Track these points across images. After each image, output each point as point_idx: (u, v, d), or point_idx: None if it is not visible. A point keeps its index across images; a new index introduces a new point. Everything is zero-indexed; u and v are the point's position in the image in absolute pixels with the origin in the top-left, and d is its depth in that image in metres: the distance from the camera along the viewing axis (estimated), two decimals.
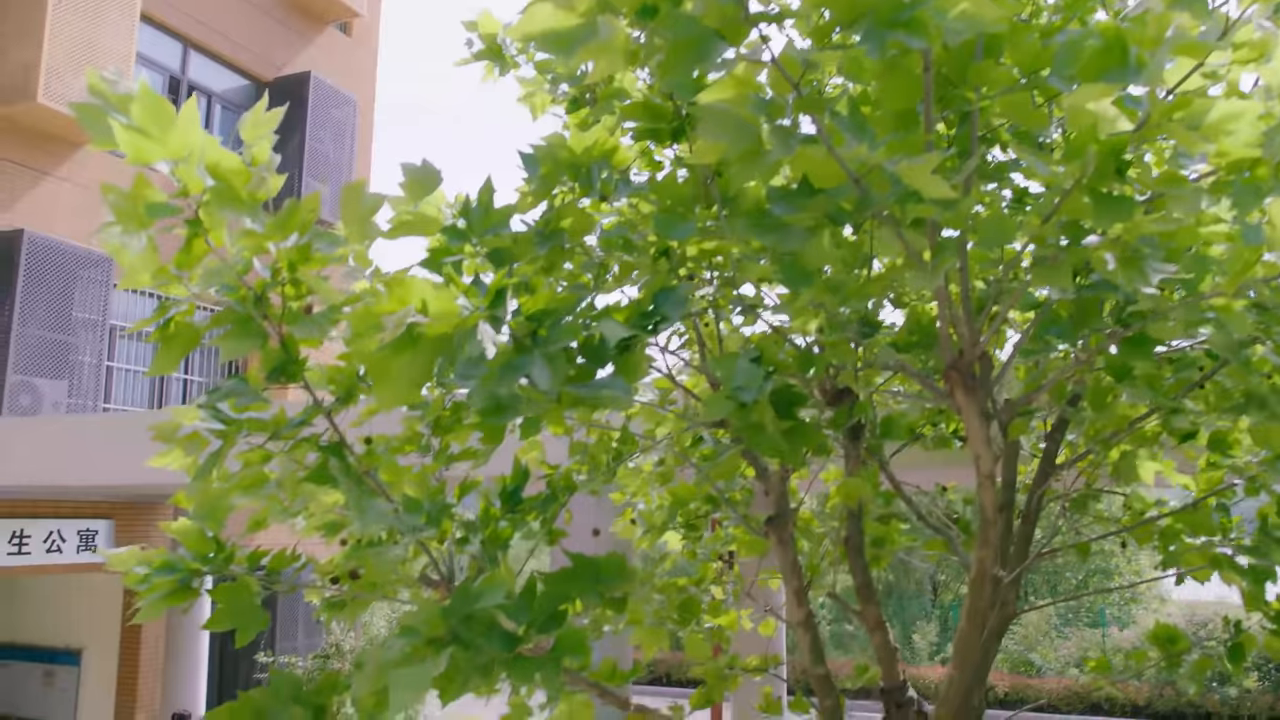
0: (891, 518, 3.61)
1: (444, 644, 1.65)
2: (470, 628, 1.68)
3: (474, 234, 1.93)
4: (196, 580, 2.38)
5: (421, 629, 1.69)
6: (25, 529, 11.39)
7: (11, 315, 10.92)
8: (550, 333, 1.70)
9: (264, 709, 1.94)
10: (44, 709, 13.62)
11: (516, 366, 1.64)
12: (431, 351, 1.60)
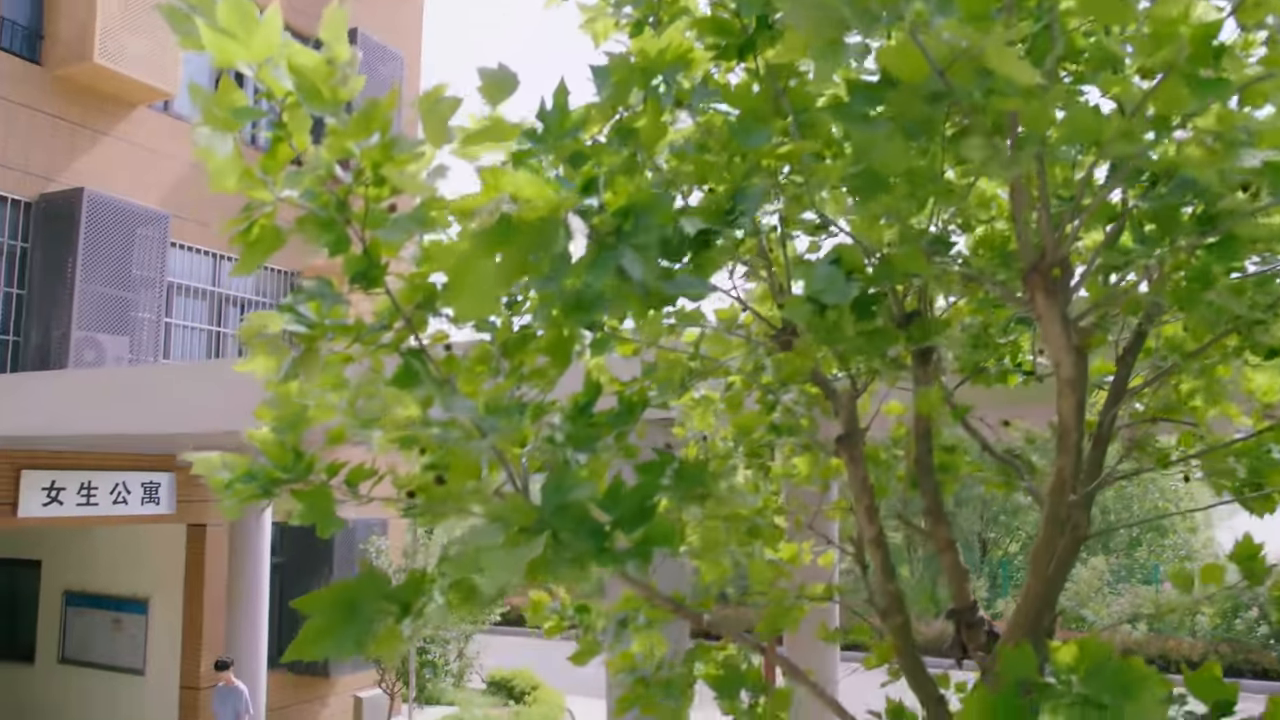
0: (955, 449, 3.59)
1: (536, 533, 1.68)
2: (561, 518, 1.70)
3: (551, 138, 1.94)
4: (276, 487, 2.43)
5: (511, 519, 1.71)
6: (93, 481, 11.71)
7: (74, 272, 11.15)
8: (636, 226, 1.70)
9: (354, 599, 1.98)
10: (114, 655, 14.07)
11: (606, 259, 1.65)
12: (522, 244, 1.60)
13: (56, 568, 15.10)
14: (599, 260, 1.63)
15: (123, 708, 13.92)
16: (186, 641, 13.34)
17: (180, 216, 13.00)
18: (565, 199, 1.56)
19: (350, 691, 14.99)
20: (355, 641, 1.97)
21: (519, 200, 1.63)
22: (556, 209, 1.57)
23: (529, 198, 1.56)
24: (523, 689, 16.48)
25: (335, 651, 1.97)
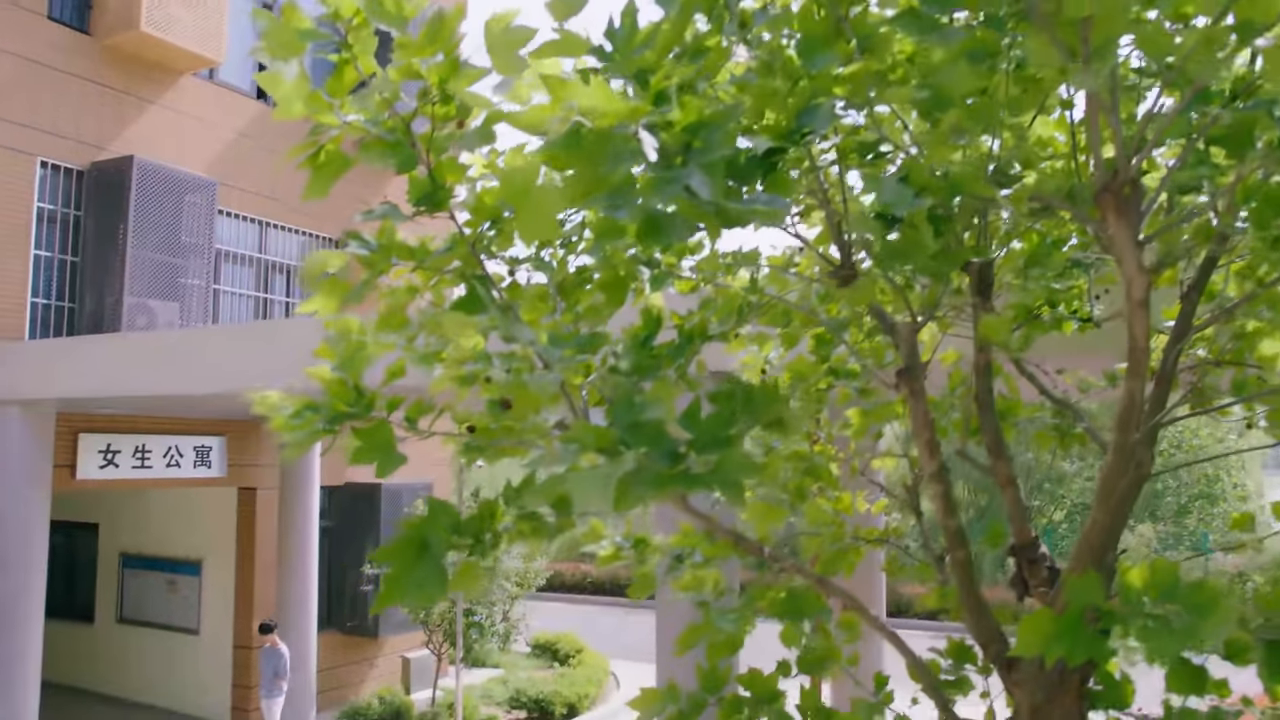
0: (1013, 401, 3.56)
1: (613, 454, 1.68)
2: (636, 437, 1.70)
3: (620, 55, 1.92)
4: (338, 423, 2.45)
5: (586, 441, 1.72)
6: (146, 444, 11.95)
7: (126, 239, 11.31)
8: (705, 143, 1.69)
9: (425, 537, 2.00)
10: (169, 615, 14.41)
11: (674, 178, 1.63)
12: (591, 156, 1.59)
13: (113, 531, 15.45)
14: (666, 178, 1.61)
15: (178, 666, 14.26)
16: (239, 602, 13.62)
17: (227, 184, 13.13)
18: (636, 109, 1.55)
19: (398, 652, 15.24)
20: (434, 583, 1.99)
21: (588, 112, 1.62)
22: (627, 119, 1.56)
23: (599, 108, 1.55)
24: (567, 652, 16.67)
25: (417, 598, 1.98)
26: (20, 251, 10.92)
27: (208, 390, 8.47)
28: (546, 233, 2.14)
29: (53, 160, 11.33)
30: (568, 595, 25.92)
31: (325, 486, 14.16)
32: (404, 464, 2.31)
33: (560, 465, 1.73)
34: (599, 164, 1.62)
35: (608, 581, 26.30)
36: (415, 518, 2.05)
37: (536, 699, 13.51)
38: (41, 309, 11.22)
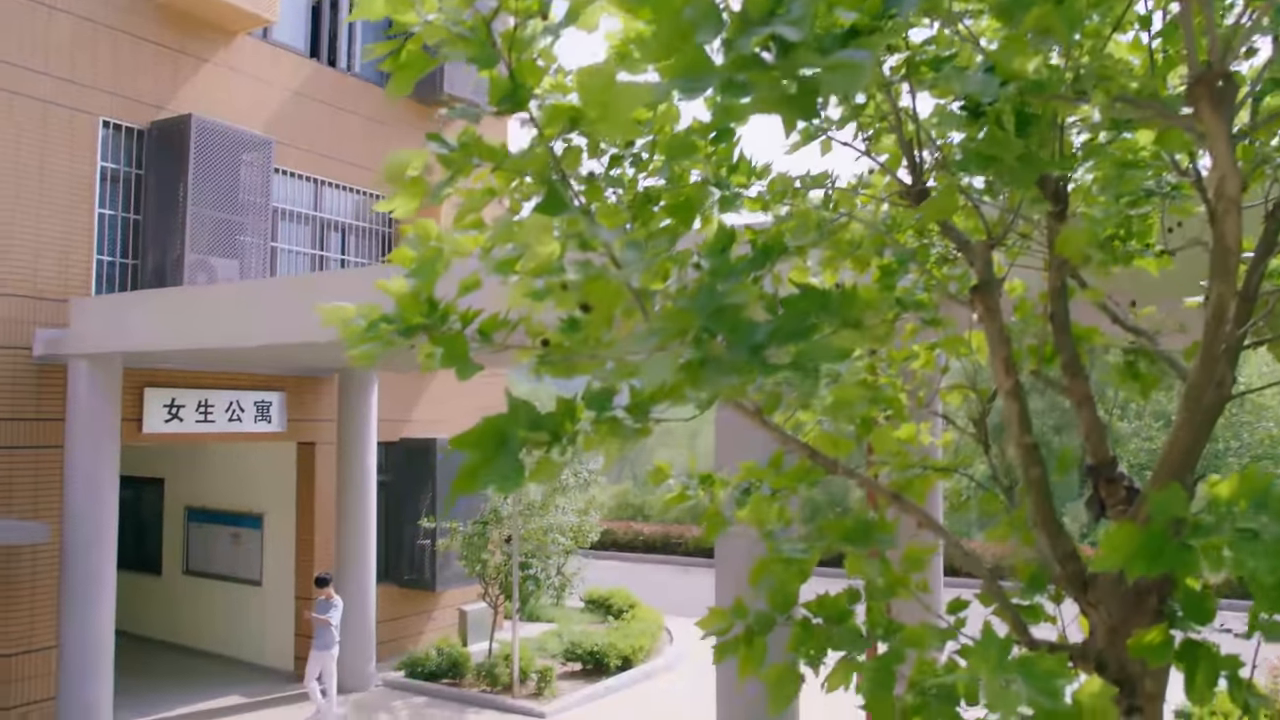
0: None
1: (695, 341, 1.68)
2: (718, 321, 1.70)
3: None
4: (412, 335, 2.46)
5: (668, 324, 1.72)
6: (209, 399, 12.19)
7: (186, 197, 11.48)
8: (789, 8, 1.66)
9: (503, 430, 2.02)
10: (233, 567, 14.77)
11: (761, 24, 1.60)
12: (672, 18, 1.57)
13: (178, 485, 15.83)
14: (750, 31, 1.59)
15: (242, 616, 14.63)
16: (299, 554, 13.91)
17: (282, 143, 13.26)
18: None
19: (455, 605, 15.50)
20: (511, 474, 2.01)
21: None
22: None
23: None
24: (620, 607, 16.82)
25: (493, 482, 2.00)
26: (85, 210, 11.13)
27: (268, 341, 8.61)
28: (626, 131, 2.13)
29: (114, 120, 11.51)
30: (620, 554, 26.13)
31: (382, 442, 14.37)
32: (480, 371, 2.33)
33: (643, 343, 1.73)
34: (679, 21, 1.59)
35: (659, 540, 26.46)
36: (494, 415, 2.07)
37: (591, 651, 13.67)
38: (106, 266, 11.45)
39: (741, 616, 2.75)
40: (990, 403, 3.72)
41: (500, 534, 13.67)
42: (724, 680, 6.50)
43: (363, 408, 13.43)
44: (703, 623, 2.79)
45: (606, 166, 2.76)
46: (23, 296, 10.54)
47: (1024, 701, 2.00)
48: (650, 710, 12.32)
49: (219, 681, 13.50)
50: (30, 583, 10.49)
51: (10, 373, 10.41)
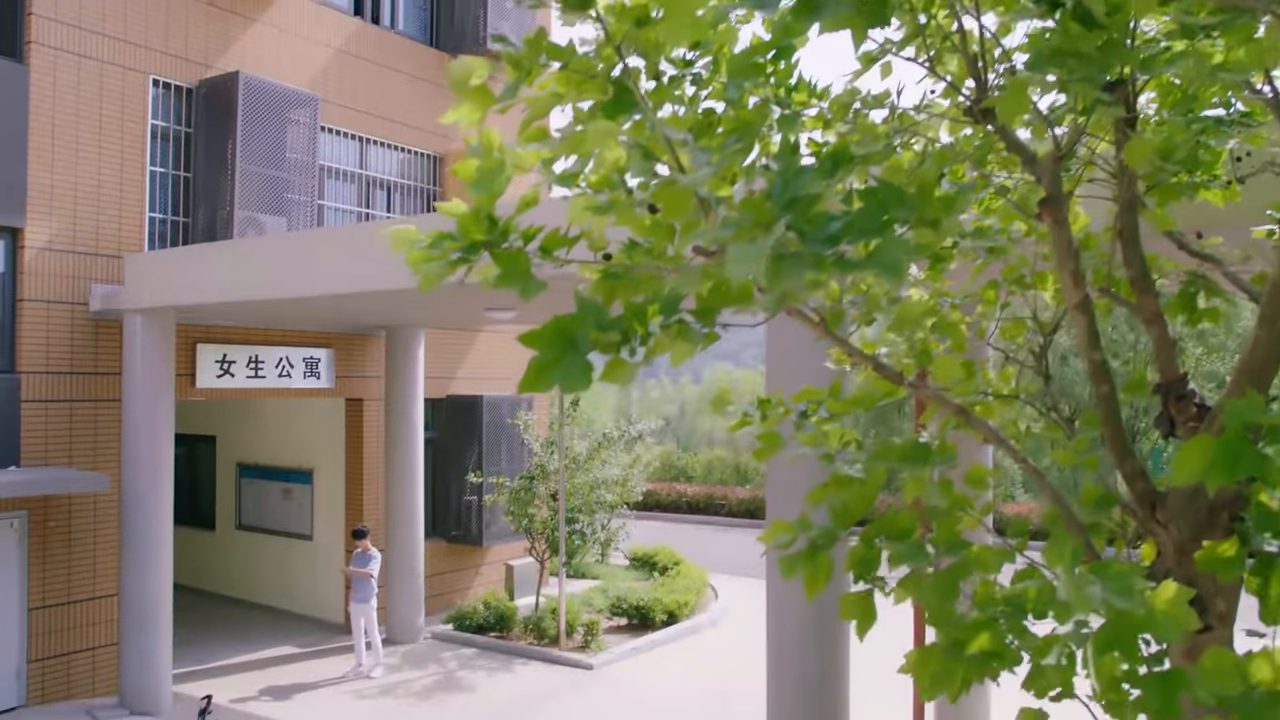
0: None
1: (773, 226, 1.66)
2: (797, 211, 1.68)
3: None
4: (475, 252, 2.46)
5: (746, 214, 1.70)
6: (259, 355, 12.36)
7: (235, 154, 11.58)
8: None
9: (572, 330, 2.02)
10: (284, 521, 15.03)
11: None
12: None
13: (230, 442, 16.12)
14: None
15: (293, 569, 14.91)
16: (349, 509, 14.12)
17: (328, 101, 13.32)
18: None
19: (502, 560, 15.68)
20: (579, 374, 2.01)
21: None
22: None
23: None
24: (665, 564, 16.90)
25: (561, 382, 2.00)
26: (138, 167, 11.27)
27: (318, 291, 8.69)
28: (692, 31, 2.11)
29: (164, 78, 11.61)
30: (663, 514, 26.25)
31: (429, 399, 14.51)
32: (544, 289, 2.32)
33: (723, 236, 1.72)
34: None
35: (703, 500, 26.54)
36: (563, 315, 2.07)
37: (637, 605, 13.78)
38: (158, 223, 11.60)
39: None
40: (1051, 335, 3.67)
41: (547, 489, 13.78)
42: (774, 633, 6.51)
43: (410, 364, 13.55)
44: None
45: (667, 85, 2.73)
46: (80, 253, 10.72)
47: (1100, 604, 1.98)
48: (696, 663, 12.41)
49: (272, 632, 13.80)
50: (92, 532, 10.76)
51: (69, 328, 10.62)
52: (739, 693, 11.04)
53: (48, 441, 10.40)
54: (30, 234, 10.35)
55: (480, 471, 14.47)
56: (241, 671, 11.95)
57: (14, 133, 10.19)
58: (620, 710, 10.62)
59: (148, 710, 10.35)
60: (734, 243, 1.67)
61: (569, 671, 12.01)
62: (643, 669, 12.19)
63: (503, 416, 15.03)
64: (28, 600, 10.32)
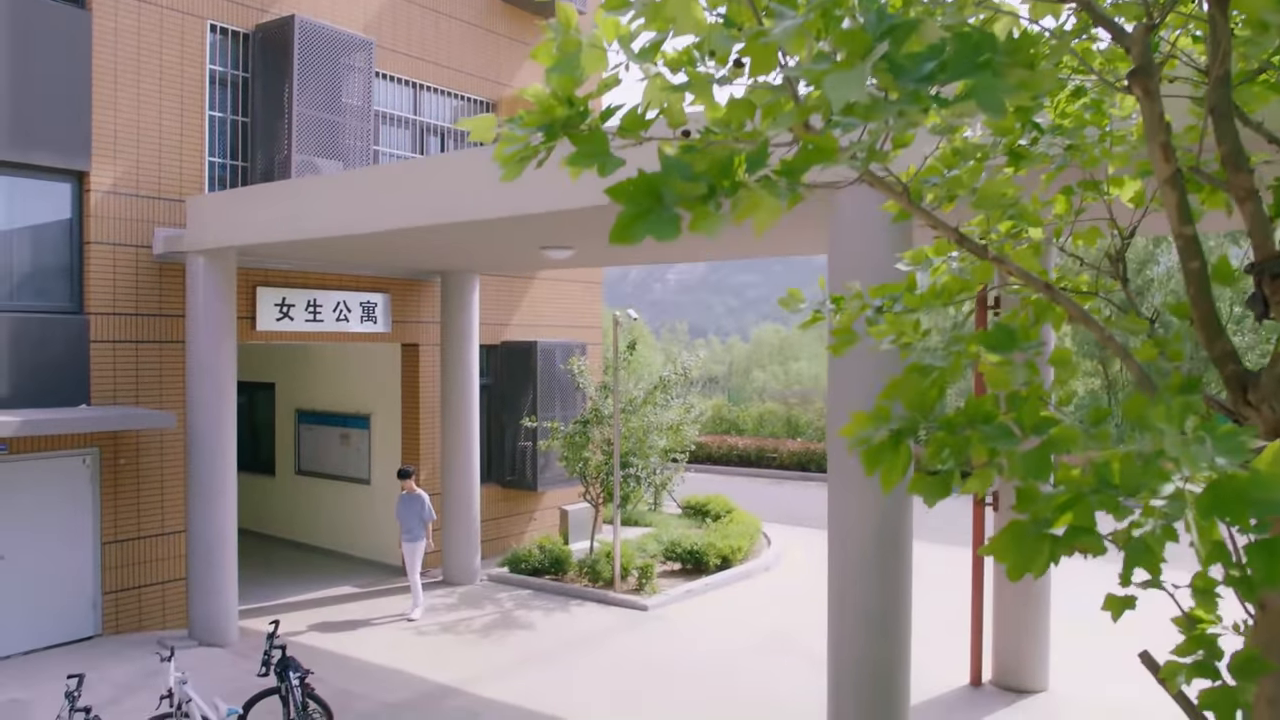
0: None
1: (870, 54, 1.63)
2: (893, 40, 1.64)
3: None
4: (554, 134, 2.45)
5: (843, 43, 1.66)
6: (318, 299, 12.51)
7: (291, 98, 11.65)
8: None
9: (658, 184, 2.01)
10: (342, 466, 15.29)
11: None
12: None
13: (288, 389, 16.38)
14: None
15: (351, 513, 15.18)
16: (405, 453, 14.31)
17: (382, 47, 13.34)
18: None
19: (556, 505, 15.83)
20: (667, 226, 2.00)
21: None
22: None
23: None
24: (718, 512, 16.95)
25: (650, 232, 2.00)
26: (197, 112, 11.39)
27: (375, 228, 8.74)
28: None
29: (221, 23, 11.69)
30: (714, 467, 26.30)
31: (484, 345, 14.61)
32: (621, 165, 2.30)
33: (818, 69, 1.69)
34: None
35: (753, 453, 26.53)
36: (648, 173, 2.06)
37: (691, 550, 13.84)
38: (217, 167, 11.74)
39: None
40: (1129, 239, 3.58)
41: (601, 433, 13.85)
42: (836, 574, 6.49)
43: (465, 310, 13.64)
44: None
45: None
46: (143, 196, 10.89)
47: (1208, 462, 1.93)
48: (751, 606, 12.47)
49: (331, 574, 14.10)
50: (159, 470, 11.02)
51: (133, 270, 10.82)
52: (796, 633, 11.09)
53: (116, 381, 10.64)
54: (95, 177, 10.53)
55: (534, 416, 14.58)
56: (303, 609, 12.23)
57: (78, 77, 10.34)
58: (676, 648, 10.71)
59: (215, 642, 10.64)
60: (832, 73, 1.63)
61: (624, 612, 12.13)
62: (697, 610, 12.27)
63: (556, 362, 15.11)
64: (101, 534, 10.62)
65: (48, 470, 10.34)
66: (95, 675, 9.08)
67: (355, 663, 10.22)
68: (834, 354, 3.34)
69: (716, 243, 10.52)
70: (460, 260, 12.56)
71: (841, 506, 6.39)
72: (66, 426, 9.59)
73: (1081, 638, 10.53)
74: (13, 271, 10.16)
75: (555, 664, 10.26)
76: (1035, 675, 9.31)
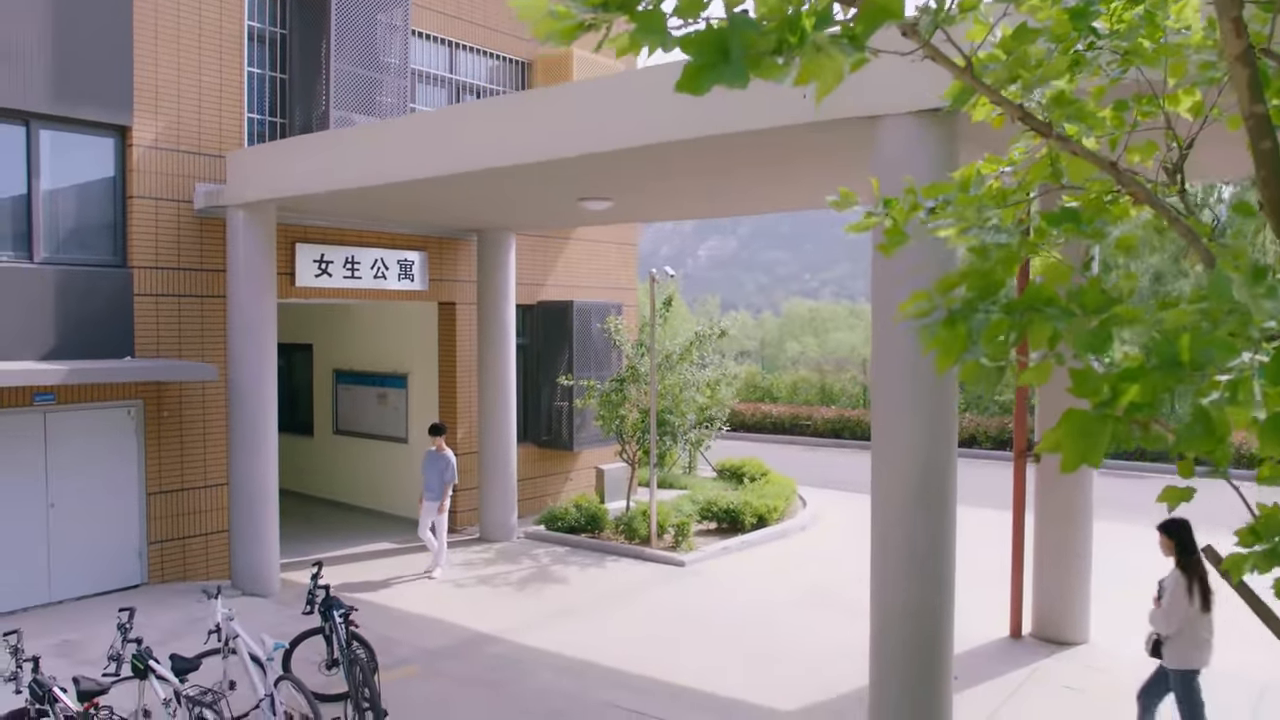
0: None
1: None
2: None
3: None
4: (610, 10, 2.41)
5: None
6: (355, 256, 12.57)
7: (328, 55, 11.68)
8: None
9: (726, 37, 1.98)
10: (380, 425, 15.41)
11: None
12: None
13: (326, 350, 16.52)
14: None
15: (389, 472, 15.31)
16: (442, 412, 14.40)
17: (418, 5, 13.31)
18: None
19: (592, 466, 15.88)
20: (736, 73, 1.98)
21: None
22: None
23: None
24: (753, 474, 16.93)
25: (721, 80, 1.98)
26: (235, 68, 11.44)
27: (412, 175, 8.76)
28: None
29: None
30: (748, 434, 26.27)
31: (520, 305, 14.64)
32: (677, 45, 2.27)
33: None
34: None
35: (788, 420, 26.47)
36: (715, 28, 2.03)
37: (727, 509, 13.86)
38: (256, 124, 11.80)
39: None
40: (1187, 149, 3.51)
41: (638, 390, 13.86)
42: (880, 512, 6.46)
43: (501, 269, 13.66)
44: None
45: None
46: (184, 151, 10.97)
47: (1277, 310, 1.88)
48: (788, 562, 12.47)
49: (370, 531, 14.25)
50: (201, 423, 11.17)
51: (175, 225, 10.92)
52: (835, 587, 11.09)
53: (159, 335, 10.76)
54: (138, 132, 10.61)
55: (571, 375, 14.61)
56: (342, 563, 12.37)
57: (120, 32, 10.40)
58: (714, 599, 10.74)
59: (258, 592, 10.79)
60: None
61: (660, 567, 12.18)
62: (734, 566, 12.29)
63: (593, 322, 15.12)
64: (146, 485, 10.79)
65: (94, 421, 10.50)
66: (142, 619, 9.21)
67: (395, 612, 10.34)
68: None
69: (758, 195, 10.44)
70: (497, 217, 12.56)
71: (887, 440, 6.35)
72: (111, 375, 9.73)
73: (1123, 597, 10.46)
74: (59, 225, 10.28)
75: (593, 614, 10.32)
76: (1076, 627, 9.25)
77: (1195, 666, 6.38)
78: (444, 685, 8.32)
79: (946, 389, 6.26)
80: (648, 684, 8.32)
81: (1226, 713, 7.15)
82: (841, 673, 8.41)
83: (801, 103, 6.49)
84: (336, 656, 7.31)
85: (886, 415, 6.33)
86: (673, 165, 8.25)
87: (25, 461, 10.02)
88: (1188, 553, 6.36)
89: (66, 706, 5.76)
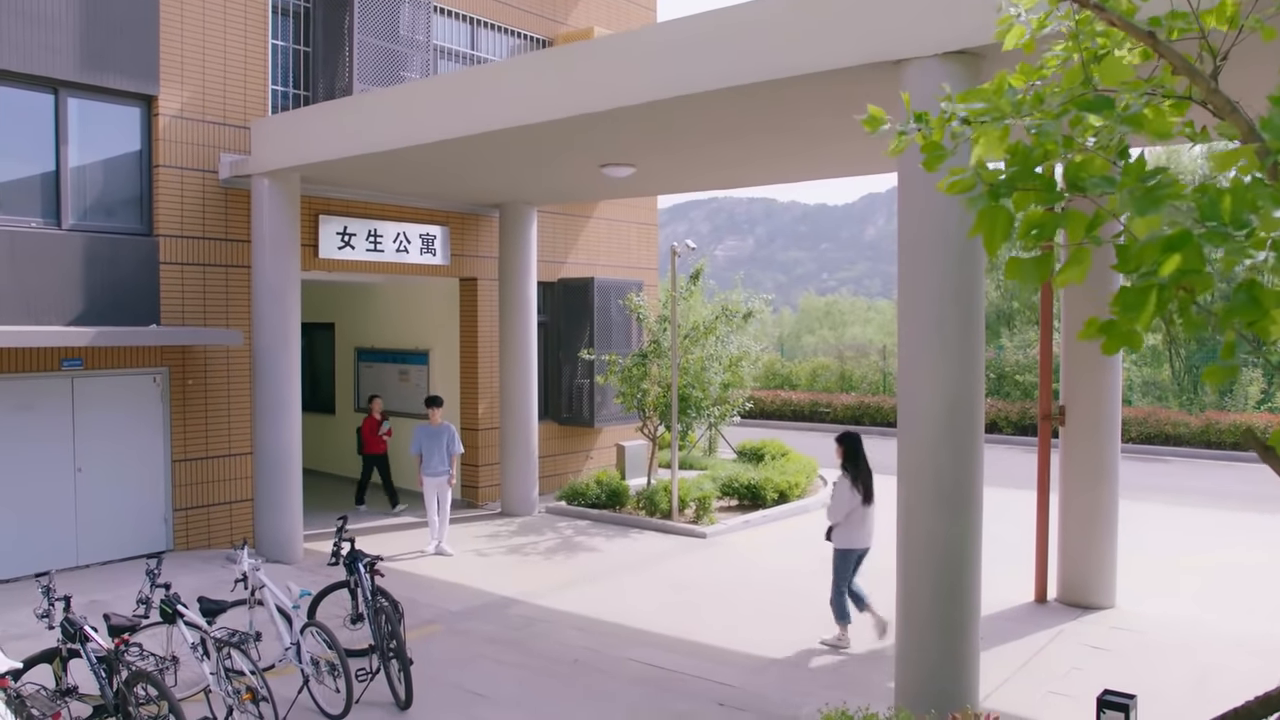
0: None
1: None
2: None
3: None
4: None
5: None
6: (378, 229, 12.63)
7: (352, 28, 11.72)
8: None
9: None
10: (402, 402, 15.45)
11: None
12: None
13: (348, 328, 16.59)
14: None
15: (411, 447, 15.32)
16: (464, 388, 14.45)
17: None
18: None
19: (612, 443, 15.88)
20: None
21: None
22: None
23: None
24: (773, 454, 16.88)
25: None
26: (260, 40, 11.51)
27: (436, 137, 8.78)
28: None
29: None
30: (768, 421, 26.23)
31: (541, 282, 14.66)
32: None
33: None
34: None
35: (807, 407, 26.41)
36: None
37: (748, 485, 13.84)
38: (280, 96, 11.86)
39: (984, 174, 2.67)
40: (1223, 60, 3.48)
41: (660, 366, 13.86)
42: (906, 452, 6.44)
43: (523, 245, 13.67)
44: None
45: None
46: (209, 121, 11.04)
47: None
48: (808, 536, 12.43)
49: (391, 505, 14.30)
50: (226, 391, 11.24)
51: (200, 194, 10.99)
52: None
53: (185, 302, 10.84)
54: (164, 101, 10.69)
55: (592, 350, 14.62)
56: (365, 534, 12.42)
57: (146, 2, 10.48)
58: (735, 568, 10.73)
59: (282, 559, 10.85)
60: None
61: (682, 539, 12.18)
62: (756, 538, 12.28)
63: (613, 300, 15.12)
64: (171, 452, 10.87)
65: (120, 387, 10.59)
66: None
67: (418, 578, 10.38)
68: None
69: (778, 166, 10.41)
70: (519, 189, 12.58)
71: (912, 377, 6.32)
72: (137, 338, 9.82)
73: (1149, 566, 10.40)
74: (86, 192, 10.36)
75: (615, 580, 10.33)
76: (1101, 592, 9.18)
77: (855, 546, 8.24)
78: (467, 641, 8.35)
79: (973, 321, 6.22)
80: (670, 642, 8.33)
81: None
82: (863, 633, 8.39)
83: (824, 49, 6.48)
84: (361, 611, 7.33)
85: (912, 347, 6.30)
86: (697, 123, 8.25)
87: (53, 426, 10.12)
88: (854, 458, 8.24)
89: (98, 646, 5.81)
